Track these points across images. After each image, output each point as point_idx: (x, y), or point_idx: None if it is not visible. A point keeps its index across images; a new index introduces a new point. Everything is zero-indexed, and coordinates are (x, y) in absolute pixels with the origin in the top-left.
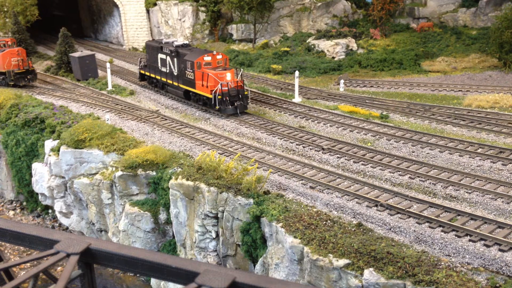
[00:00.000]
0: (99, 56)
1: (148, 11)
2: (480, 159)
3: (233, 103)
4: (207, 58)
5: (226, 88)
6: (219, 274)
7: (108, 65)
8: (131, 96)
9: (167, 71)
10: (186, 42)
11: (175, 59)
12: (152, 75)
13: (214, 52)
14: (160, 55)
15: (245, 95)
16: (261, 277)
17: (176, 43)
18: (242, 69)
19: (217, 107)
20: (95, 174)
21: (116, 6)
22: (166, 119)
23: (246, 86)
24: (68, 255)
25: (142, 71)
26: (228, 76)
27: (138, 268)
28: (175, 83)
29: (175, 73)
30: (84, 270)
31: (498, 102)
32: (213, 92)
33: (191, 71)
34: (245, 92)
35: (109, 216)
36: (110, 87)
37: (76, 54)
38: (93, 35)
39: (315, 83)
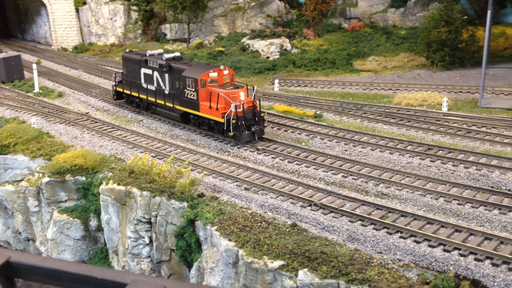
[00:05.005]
0: (26, 57)
1: (77, 10)
2: (409, 156)
3: (249, 128)
4: (213, 75)
5: (241, 110)
6: (148, 284)
7: (34, 66)
8: (59, 98)
9: (155, 89)
10: (178, 54)
11: (167, 75)
12: (134, 94)
13: (221, 67)
14: (144, 70)
15: (261, 117)
16: (192, 285)
17: (166, 56)
18: (255, 86)
19: (231, 133)
20: (21, 181)
21: (44, 5)
22: (96, 122)
23: (263, 108)
24: None
25: (119, 89)
26: (242, 95)
27: (62, 281)
28: (169, 104)
29: (167, 92)
30: (5, 284)
31: (426, 100)
32: (226, 115)
33: (193, 90)
34: (261, 114)
35: (37, 224)
36: (37, 89)
37: (0, 55)
38: (20, 35)
39: (250, 83)
